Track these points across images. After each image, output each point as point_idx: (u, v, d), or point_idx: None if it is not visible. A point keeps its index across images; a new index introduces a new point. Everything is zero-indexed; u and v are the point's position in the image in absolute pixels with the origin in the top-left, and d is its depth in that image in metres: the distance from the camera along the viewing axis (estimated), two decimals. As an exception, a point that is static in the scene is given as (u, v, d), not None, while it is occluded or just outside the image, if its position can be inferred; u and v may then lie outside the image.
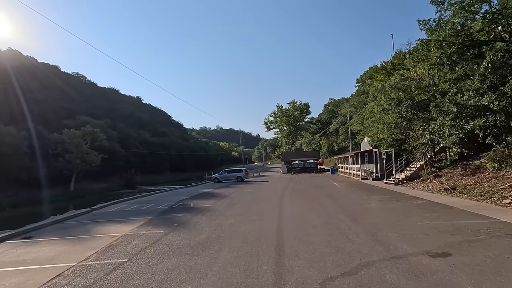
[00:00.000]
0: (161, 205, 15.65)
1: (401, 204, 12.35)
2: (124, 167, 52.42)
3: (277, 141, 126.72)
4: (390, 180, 20.67)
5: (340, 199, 14.68)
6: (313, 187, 22.38)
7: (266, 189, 22.52)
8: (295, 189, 21.27)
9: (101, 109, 79.43)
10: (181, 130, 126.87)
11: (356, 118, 32.68)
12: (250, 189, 23.43)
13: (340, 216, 10.16)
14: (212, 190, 24.16)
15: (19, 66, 56.33)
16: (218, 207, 14.20)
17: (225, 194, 20.17)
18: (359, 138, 33.55)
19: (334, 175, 36.43)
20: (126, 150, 54.31)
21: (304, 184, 25.32)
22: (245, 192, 20.66)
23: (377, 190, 17.62)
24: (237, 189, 23.49)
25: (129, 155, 55.18)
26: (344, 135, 40.97)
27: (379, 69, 28.96)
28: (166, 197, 20.40)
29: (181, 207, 14.68)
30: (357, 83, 42.33)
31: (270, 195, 18.14)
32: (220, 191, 22.44)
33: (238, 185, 28.89)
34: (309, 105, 57.91)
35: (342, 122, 42.78)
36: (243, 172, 34.54)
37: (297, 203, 14.18)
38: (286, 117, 58.30)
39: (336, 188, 20.66)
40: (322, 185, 23.75)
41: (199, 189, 25.38)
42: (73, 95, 69.98)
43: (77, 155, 33.03)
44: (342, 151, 42.73)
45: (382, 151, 20.99)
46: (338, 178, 30.47)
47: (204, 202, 16.27)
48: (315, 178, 32.68)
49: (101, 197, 32.16)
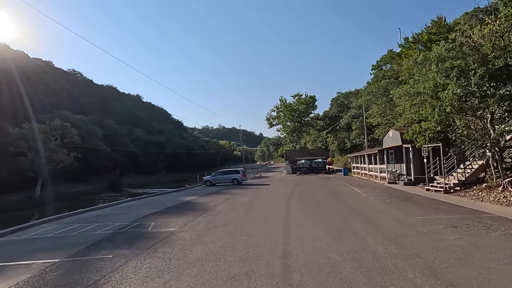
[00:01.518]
0: (106, 228, 10.38)
1: (501, 237, 6.91)
2: (111, 168, 47.35)
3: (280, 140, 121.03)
4: (434, 186, 15.20)
5: (379, 220, 9.27)
6: (328, 195, 16.95)
7: (266, 198, 17.14)
8: (305, 199, 15.86)
9: (94, 106, 74.66)
10: (181, 128, 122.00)
11: (375, 109, 27.18)
12: (245, 196, 18.08)
13: (401, 266, 4.79)
14: (196, 198, 18.83)
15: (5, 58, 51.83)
16: (186, 233, 8.91)
17: (210, 205, 14.84)
18: (379, 132, 28.10)
19: (348, 177, 30.93)
20: (113, 148, 49.22)
21: (315, 190, 19.90)
22: (237, 203, 15.30)
23: (427, 203, 12.16)
24: (228, 197, 18.15)
25: (116, 154, 50.09)
26: (358, 130, 35.41)
27: (410, 43, 23.51)
28: (129, 209, 15.12)
29: (129, 234, 9.38)
30: (373, 70, 36.88)
31: (270, 210, 12.77)
32: (205, 200, 17.12)
33: (233, 189, 23.56)
34: (315, 98, 52.23)
35: (356, 115, 37.29)
36: (240, 174, 29.19)
37: (312, 228, 8.79)
38: (290, 111, 52.56)
39: (361, 197, 15.23)
40: (340, 191, 18.31)
41: (180, 197, 20.06)
42: (59, 90, 65.13)
43: (44, 153, 27.92)
44: (355, 148, 37.25)
45: (424, 147, 15.50)
46: (356, 181, 24.99)
47: (172, 222, 10.96)
48: (327, 181, 27.21)
49: (71, 203, 27.10)
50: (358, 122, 34.93)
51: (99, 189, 40.40)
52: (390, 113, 24.55)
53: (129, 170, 55.69)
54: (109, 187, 40.63)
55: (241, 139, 67.26)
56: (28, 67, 65.81)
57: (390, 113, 24.60)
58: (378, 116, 27.13)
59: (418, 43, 22.22)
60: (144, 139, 65.50)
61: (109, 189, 40.20)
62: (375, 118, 27.63)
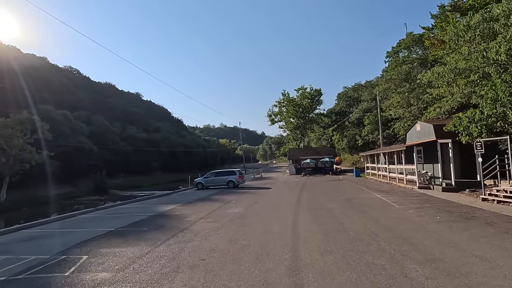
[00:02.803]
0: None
1: None
2: (100, 168, 43.52)
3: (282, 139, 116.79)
4: (494, 195, 11.10)
5: (462, 269, 5.21)
6: (348, 206, 12.89)
7: (265, 210, 13.13)
8: (317, 213, 11.82)
9: (87, 102, 71.08)
10: (181, 127, 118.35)
11: (396, 99, 22.87)
12: (238, 206, 14.10)
13: None
14: (177, 207, 14.87)
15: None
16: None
17: (187, 221, 10.88)
18: (399, 126, 24.03)
19: (362, 179, 26.82)
20: (102, 146, 45.36)
21: (327, 198, 15.86)
22: (225, 218, 11.31)
23: (509, 226, 8.08)
24: (216, 207, 14.16)
25: (105, 152, 46.24)
26: (371, 125, 31.22)
27: (447, 13, 19.28)
28: (77, 227, 11.20)
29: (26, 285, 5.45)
30: (388, 57, 32.67)
31: (269, 235, 8.74)
32: (185, 212, 13.15)
33: (226, 195, 19.59)
34: (321, 92, 47.90)
35: (368, 109, 33.08)
36: (236, 175, 25.18)
37: (343, 277, 4.74)
38: (293, 106, 48.27)
39: (394, 211, 11.15)
40: (361, 200, 14.24)
41: (158, 206, 16.05)
42: (50, 85, 61.39)
43: (9, 151, 24.08)
44: (367, 146, 33.13)
45: (479, 141, 11.41)
46: (374, 185, 20.89)
47: (116, 255, 7.02)
48: (339, 184, 23.15)
49: (38, 212, 23.26)
50: (372, 116, 30.79)
51: (83, 191, 36.61)
52: (415, 103, 20.49)
53: (120, 170, 51.92)
54: (94, 189, 36.78)
55: (241, 137, 63.20)
56: (17, 61, 62.50)
57: (415, 102, 20.55)
58: (398, 107, 22.96)
59: (456, 11, 18.10)
60: (138, 137, 61.61)
61: (93, 192, 36.38)
62: (395, 110, 23.40)
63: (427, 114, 18.77)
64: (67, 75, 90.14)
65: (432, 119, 18.24)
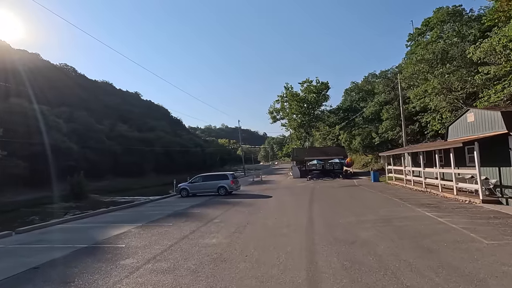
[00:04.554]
0: None
1: None
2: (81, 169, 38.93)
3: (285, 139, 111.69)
4: None
5: None
6: (391, 234, 8.06)
7: (260, 241, 8.37)
8: (346, 247, 7.04)
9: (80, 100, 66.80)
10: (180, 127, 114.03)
11: (431, 83, 17.77)
12: (220, 232, 9.35)
13: None
14: (126, 232, 10.09)
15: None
16: None
17: (117, 273, 6.12)
18: (434, 119, 19.23)
19: (382, 184, 21.96)
20: (85, 146, 40.77)
21: (353, 217, 11.06)
22: (189, 263, 6.55)
23: None
24: (186, 235, 9.39)
25: (89, 152, 41.64)
26: (391, 120, 26.22)
27: None
28: None
29: None
30: (409, 41, 27.80)
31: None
32: (133, 245, 8.39)
33: (210, 208, 14.87)
34: (328, 85, 42.77)
35: (386, 102, 28.07)
36: (228, 180, 20.41)
37: None
38: (297, 102, 43.31)
39: (486, 250, 6.34)
40: (407, 223, 9.40)
41: (105, 228, 11.15)
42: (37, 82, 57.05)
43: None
44: (384, 145, 28.24)
45: None
46: (405, 194, 16.04)
47: None
48: (358, 192, 18.33)
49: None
50: (392, 110, 25.90)
51: (57, 197, 31.99)
52: (459, 87, 15.64)
53: (107, 171, 47.38)
54: (70, 195, 32.14)
55: (240, 135, 58.29)
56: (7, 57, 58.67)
57: (459, 86, 15.72)
58: (433, 95, 17.97)
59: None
60: (129, 136, 57.03)
61: (69, 197, 31.76)
62: (429, 98, 18.29)
63: (483, 100, 14.02)
64: (60, 72, 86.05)
65: (490, 106, 13.45)
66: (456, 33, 20.06)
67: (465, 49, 15.74)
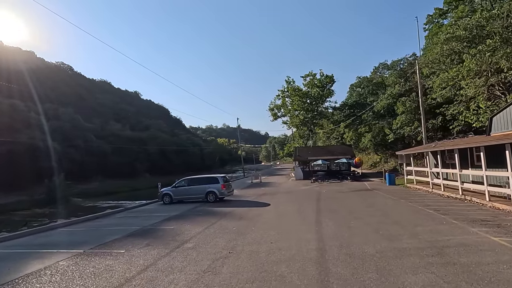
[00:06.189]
0: None
1: None
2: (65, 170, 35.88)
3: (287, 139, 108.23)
4: None
5: None
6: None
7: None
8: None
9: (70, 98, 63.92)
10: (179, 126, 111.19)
11: (467, 63, 14.23)
12: (186, 269, 6.10)
13: None
14: (26, 269, 6.87)
15: None
16: None
17: None
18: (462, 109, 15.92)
19: (401, 189, 18.64)
20: (70, 145, 37.64)
21: (384, 241, 7.78)
22: None
23: None
24: (133, 276, 6.13)
25: (74, 152, 38.53)
26: (406, 114, 22.82)
27: None
28: None
29: None
30: (427, 24, 24.40)
31: None
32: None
33: (188, 222, 11.67)
34: (333, 79, 39.35)
35: (400, 94, 24.63)
36: (219, 184, 17.15)
37: None
38: (299, 97, 39.98)
39: None
40: (478, 260, 6.11)
41: (6, 260, 8.04)
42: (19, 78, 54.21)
43: None
44: (399, 142, 24.88)
45: None
46: (437, 202, 12.73)
47: None
48: (376, 200, 15.02)
49: None
50: (409, 102, 22.48)
51: (33, 201, 28.88)
52: (506, 66, 12.35)
53: (95, 173, 44.27)
54: (48, 199, 29.03)
55: (239, 135, 55.00)
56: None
57: (506, 66, 12.43)
58: (468, 78, 14.54)
59: None
60: (121, 135, 53.90)
61: (47, 201, 28.66)
62: (466, 82, 14.69)
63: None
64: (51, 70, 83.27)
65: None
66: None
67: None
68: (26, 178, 31.41)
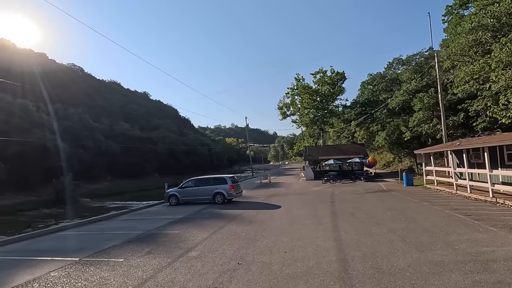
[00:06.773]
0: None
1: None
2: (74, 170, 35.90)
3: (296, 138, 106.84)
4: None
5: None
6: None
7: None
8: None
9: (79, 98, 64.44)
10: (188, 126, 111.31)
11: (499, 53, 12.85)
12: (188, 285, 5.32)
13: None
14: (15, 281, 6.20)
15: None
16: None
17: None
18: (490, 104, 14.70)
19: (420, 190, 17.50)
20: (78, 145, 37.62)
21: (426, 258, 6.82)
22: None
23: None
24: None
25: (83, 152, 38.52)
26: (424, 111, 21.46)
27: None
28: None
29: None
30: (446, 15, 23.00)
31: None
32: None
33: (194, 226, 10.94)
34: (345, 76, 38.06)
35: (417, 90, 23.28)
36: (227, 185, 16.40)
37: None
38: (309, 95, 38.85)
39: None
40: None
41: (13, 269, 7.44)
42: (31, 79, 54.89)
43: None
44: (416, 141, 23.64)
45: None
46: (468, 206, 11.64)
47: None
48: (397, 203, 13.97)
49: None
50: (427, 98, 21.10)
51: (42, 201, 28.81)
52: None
53: (105, 173, 44.28)
54: (56, 199, 28.93)
55: (247, 134, 54.30)
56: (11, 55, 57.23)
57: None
58: (498, 70, 13.28)
59: None
60: (130, 135, 53.89)
61: (55, 202, 28.56)
62: (496, 74, 13.26)
63: None
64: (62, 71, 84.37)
65: None
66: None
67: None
68: (35, 179, 31.43)
